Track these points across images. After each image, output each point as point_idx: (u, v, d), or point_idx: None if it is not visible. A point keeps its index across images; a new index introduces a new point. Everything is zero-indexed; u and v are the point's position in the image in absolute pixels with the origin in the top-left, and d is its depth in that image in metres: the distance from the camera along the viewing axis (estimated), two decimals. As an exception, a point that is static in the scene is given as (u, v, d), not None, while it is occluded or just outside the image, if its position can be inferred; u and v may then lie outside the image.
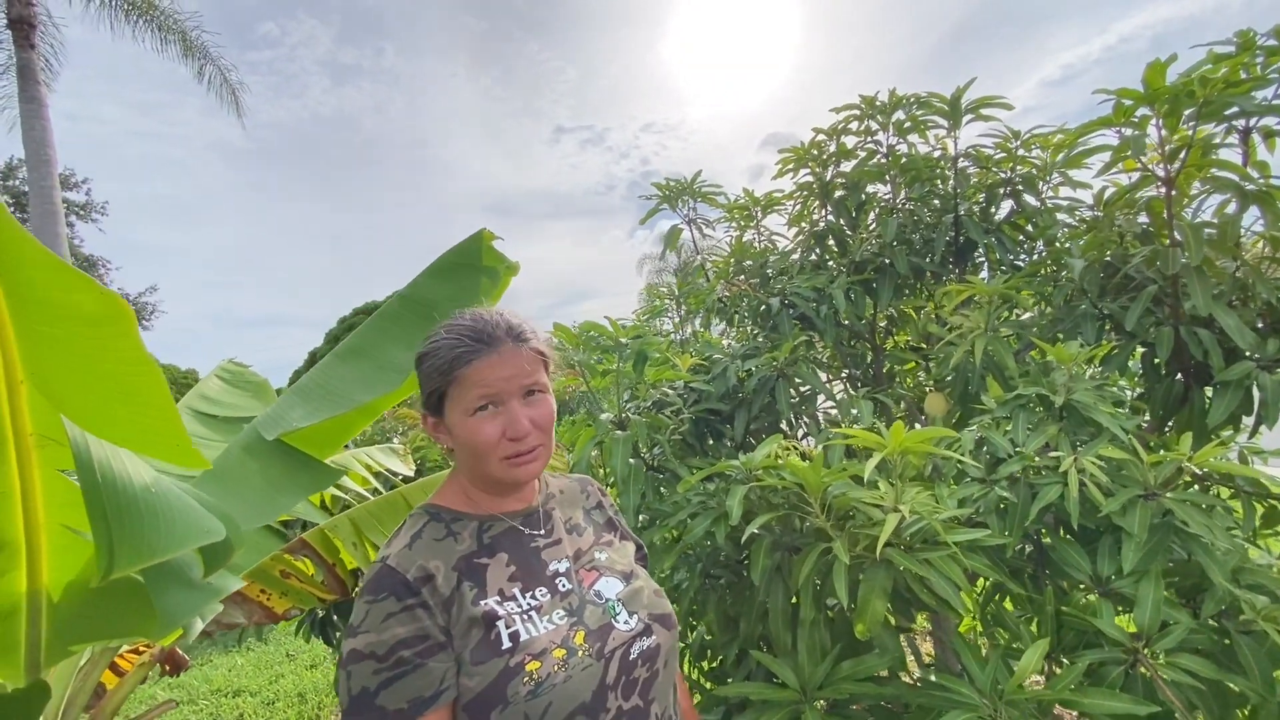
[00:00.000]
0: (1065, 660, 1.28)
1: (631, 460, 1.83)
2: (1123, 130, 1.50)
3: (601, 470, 2.47)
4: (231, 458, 1.10)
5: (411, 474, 2.27)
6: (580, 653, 0.83)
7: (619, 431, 1.87)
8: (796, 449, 1.63)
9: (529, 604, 0.86)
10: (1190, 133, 1.46)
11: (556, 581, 0.92)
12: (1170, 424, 1.73)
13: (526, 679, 0.78)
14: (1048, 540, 1.45)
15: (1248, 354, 1.46)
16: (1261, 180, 1.49)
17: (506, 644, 0.80)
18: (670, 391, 2.19)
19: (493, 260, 1.35)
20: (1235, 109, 1.41)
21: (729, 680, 1.74)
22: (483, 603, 0.83)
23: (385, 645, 0.76)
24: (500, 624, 0.82)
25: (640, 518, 1.92)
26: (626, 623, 0.90)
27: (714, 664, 2.05)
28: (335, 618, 2.36)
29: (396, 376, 1.18)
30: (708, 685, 2.06)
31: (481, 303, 1.03)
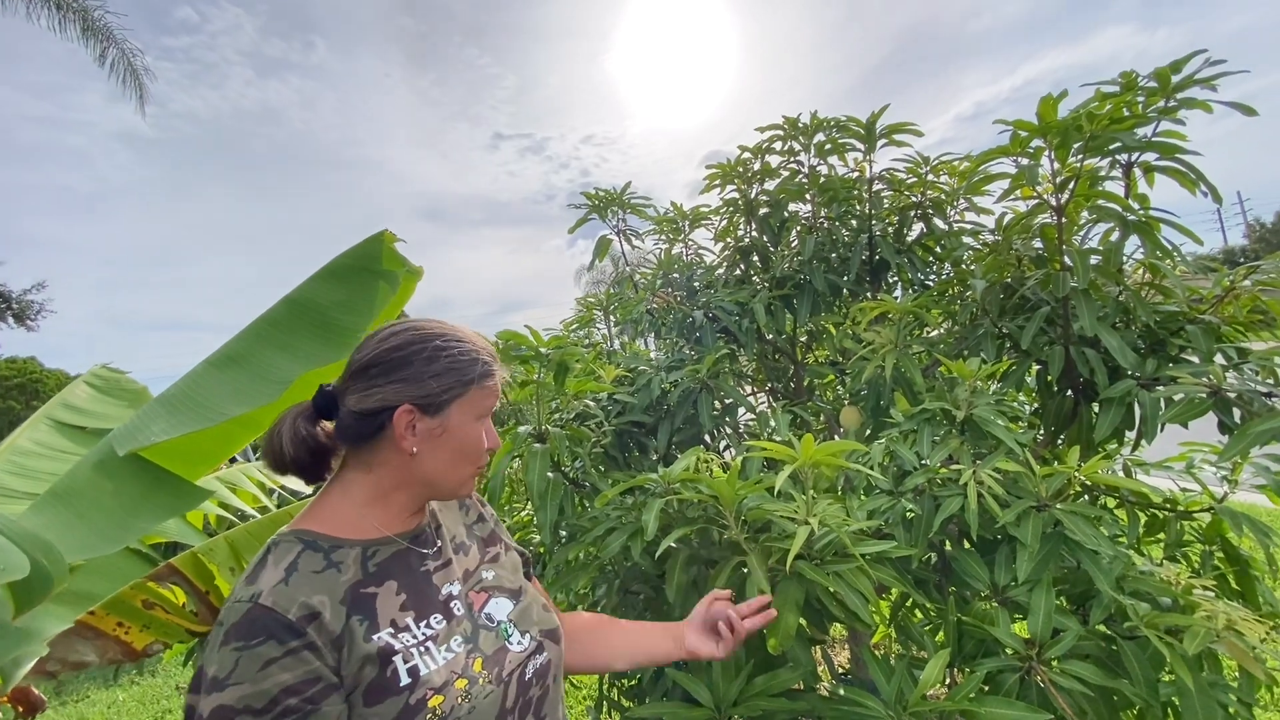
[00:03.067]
0: (966, 669, 1.31)
1: (550, 474, 1.77)
2: (1019, 160, 1.59)
3: (521, 485, 2.41)
4: (79, 476, 0.97)
5: (310, 491, 2.12)
6: (481, 680, 0.80)
7: (537, 444, 1.81)
8: (717, 461, 1.63)
9: (424, 633, 0.80)
10: (1078, 165, 1.56)
11: (451, 606, 0.87)
12: (1062, 438, 1.83)
13: (430, 716, 0.73)
14: (950, 550, 1.49)
15: (1130, 372, 1.56)
16: (1141, 212, 1.61)
17: (405, 680, 0.74)
18: (592, 404, 2.15)
19: (393, 264, 1.26)
20: (1118, 144, 1.52)
21: (647, 699, 1.71)
22: (375, 637, 0.76)
23: (266, 696, 0.67)
24: (397, 659, 0.75)
25: (560, 533, 1.87)
26: (519, 643, 0.89)
27: (633, 682, 2.01)
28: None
29: (275, 388, 1.07)
30: (626, 704, 2.02)
31: (375, 309, 0.99)
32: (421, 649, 0.78)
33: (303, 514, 0.87)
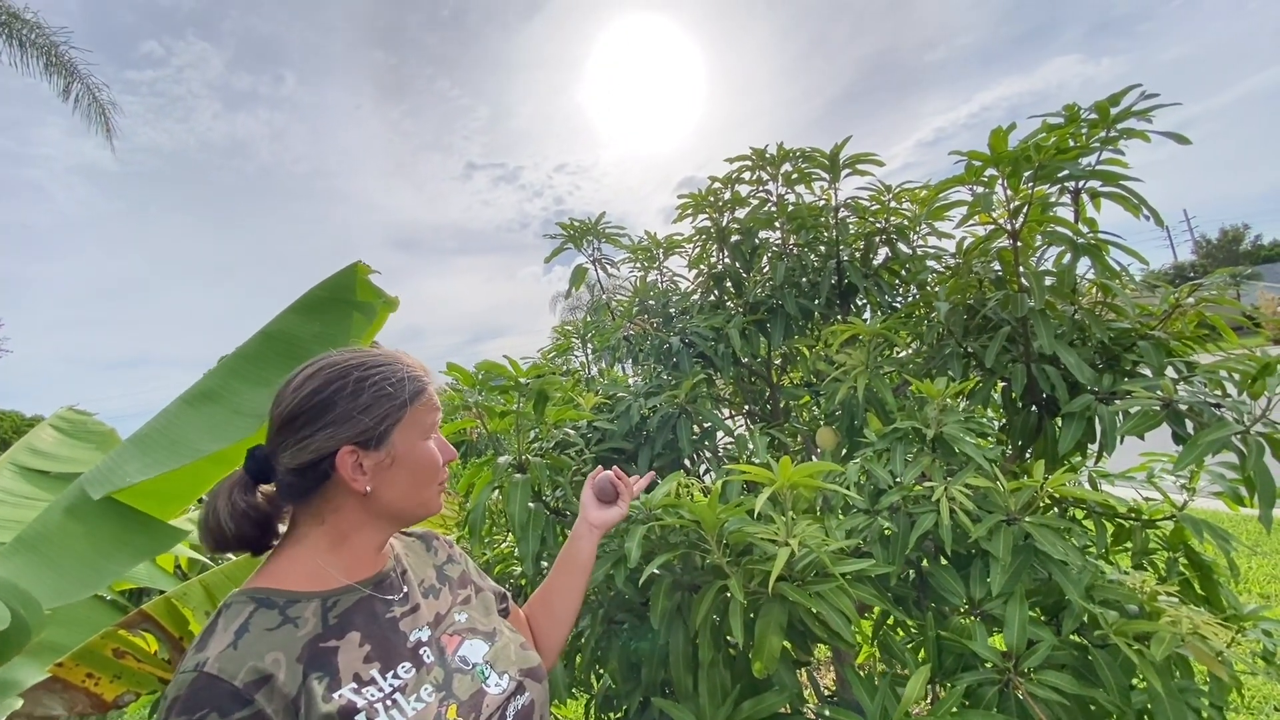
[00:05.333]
0: (947, 684, 1.33)
1: (531, 505, 1.77)
2: (974, 188, 1.67)
3: (502, 517, 2.38)
4: (50, 520, 0.93)
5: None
6: None
7: (518, 474, 1.81)
8: (697, 486, 1.64)
9: (391, 685, 0.77)
10: (1030, 192, 1.64)
11: (420, 653, 0.83)
12: (1029, 452, 1.88)
13: None
14: (927, 566, 1.53)
15: (1088, 387, 1.63)
16: (1090, 235, 1.69)
17: None
18: (572, 432, 2.15)
19: (368, 295, 1.27)
20: (1065, 172, 1.60)
21: (634, 730, 1.69)
22: (336, 695, 0.72)
23: None
24: (360, 717, 0.72)
25: (542, 564, 1.86)
26: (498, 684, 0.86)
27: (620, 715, 1.98)
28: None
29: (252, 422, 1.06)
30: (612, 736, 1.99)
31: (353, 341, 0.98)
32: (388, 703, 0.75)
33: (256, 573, 0.84)
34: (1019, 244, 1.68)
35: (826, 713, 1.32)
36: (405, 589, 0.90)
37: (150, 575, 1.40)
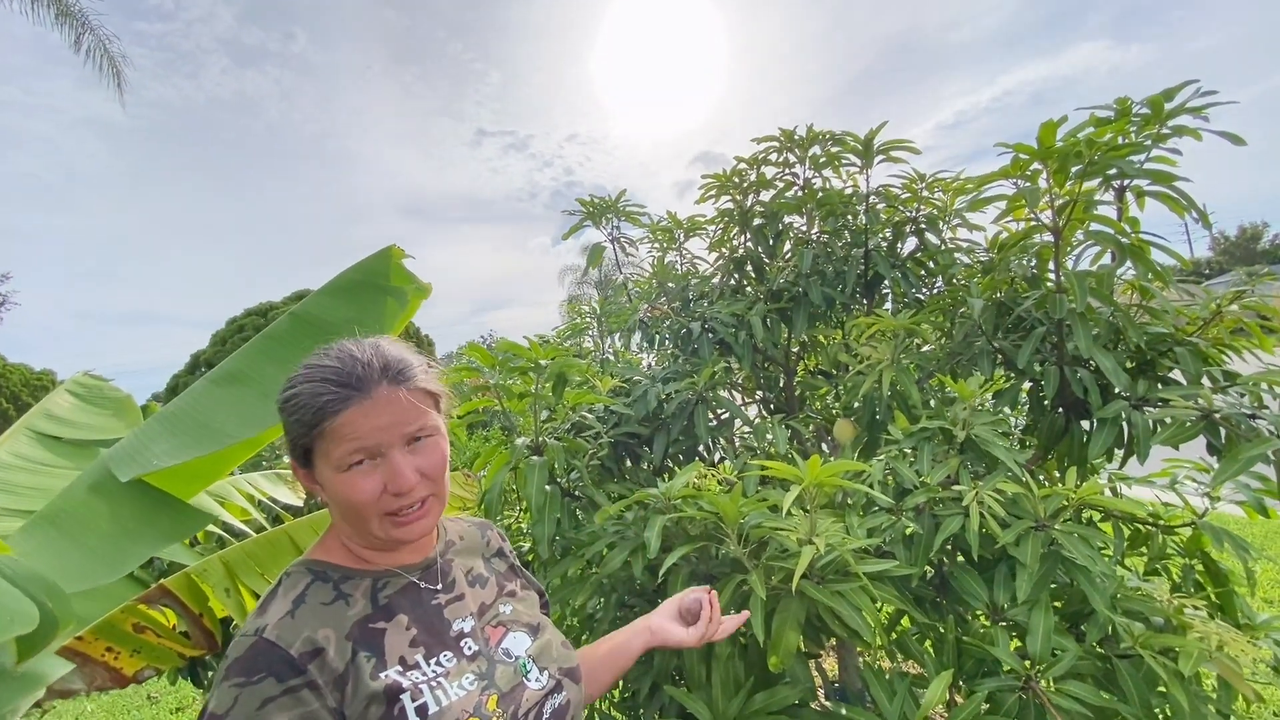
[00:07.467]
0: (966, 688, 1.33)
1: (547, 487, 1.76)
2: (1018, 182, 1.61)
3: (515, 496, 2.38)
4: (74, 497, 0.92)
5: (300, 504, 2.07)
6: (494, 718, 0.77)
7: (535, 457, 1.79)
8: (715, 476, 1.62)
9: (435, 670, 0.78)
10: (1076, 189, 1.58)
11: (462, 644, 0.83)
12: (1052, 454, 1.86)
13: None
14: (949, 568, 1.51)
15: (1121, 393, 1.59)
16: (1133, 235, 1.64)
17: (414, 719, 0.72)
18: (589, 415, 2.13)
19: (401, 280, 1.23)
20: (1115, 170, 1.54)
21: (642, 714, 1.70)
22: (383, 675, 0.73)
23: None
24: (405, 697, 0.73)
25: (556, 547, 1.85)
26: (538, 680, 0.86)
27: (627, 695, 2.00)
28: (208, 657, 2.11)
29: (281, 406, 1.05)
30: (617, 717, 2.01)
31: (385, 327, 0.95)
32: (432, 684, 0.76)
33: (315, 544, 0.86)
34: (1059, 242, 1.62)
35: (843, 711, 1.32)
36: (452, 576, 0.91)
37: (169, 549, 1.39)
